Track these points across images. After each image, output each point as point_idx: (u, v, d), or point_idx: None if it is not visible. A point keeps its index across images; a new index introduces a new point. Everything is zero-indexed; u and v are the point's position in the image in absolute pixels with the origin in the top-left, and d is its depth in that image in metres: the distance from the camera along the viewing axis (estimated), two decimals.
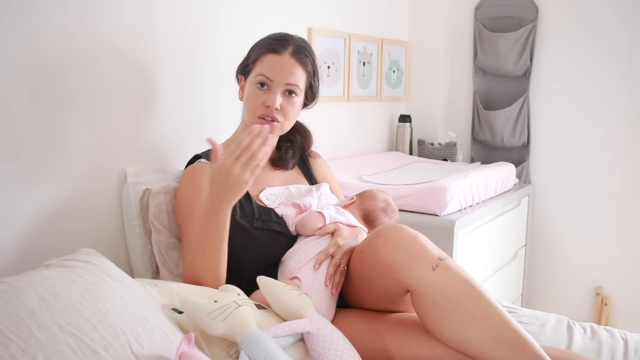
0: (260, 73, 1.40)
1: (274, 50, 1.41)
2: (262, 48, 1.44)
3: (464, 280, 1.12)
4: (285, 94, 1.42)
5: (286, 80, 1.40)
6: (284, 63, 1.41)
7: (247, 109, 1.44)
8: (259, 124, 1.31)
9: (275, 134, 1.46)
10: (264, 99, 1.40)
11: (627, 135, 2.60)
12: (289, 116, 1.44)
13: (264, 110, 1.40)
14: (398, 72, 2.86)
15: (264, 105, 1.40)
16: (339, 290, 1.30)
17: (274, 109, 1.40)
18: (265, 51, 1.42)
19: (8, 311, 0.82)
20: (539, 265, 2.85)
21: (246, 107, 1.45)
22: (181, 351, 0.85)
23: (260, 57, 1.43)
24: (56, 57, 1.34)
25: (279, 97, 1.40)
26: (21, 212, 1.30)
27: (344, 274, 1.30)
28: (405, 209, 1.98)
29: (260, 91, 1.41)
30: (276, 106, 1.39)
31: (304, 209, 1.43)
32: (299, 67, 1.43)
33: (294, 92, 1.42)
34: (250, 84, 1.43)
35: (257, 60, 1.43)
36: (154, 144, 1.61)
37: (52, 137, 1.35)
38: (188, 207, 1.38)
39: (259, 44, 1.46)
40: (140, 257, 1.49)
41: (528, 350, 1.06)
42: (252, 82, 1.42)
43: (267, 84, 1.40)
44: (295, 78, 1.42)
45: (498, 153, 2.85)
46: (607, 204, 2.67)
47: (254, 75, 1.42)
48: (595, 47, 2.61)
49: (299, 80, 1.43)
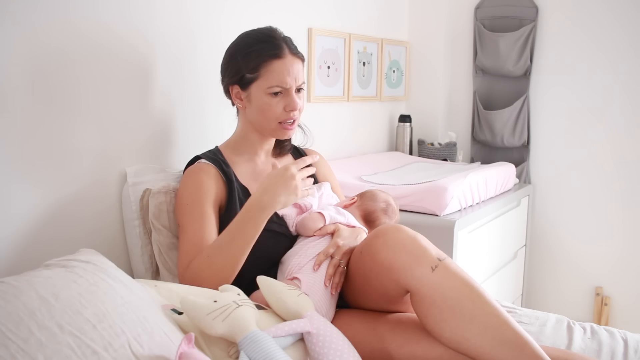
0: (275, 84, 1.39)
1: (276, 55, 1.39)
2: (259, 56, 1.39)
3: (464, 281, 1.12)
4: (297, 92, 1.44)
5: (298, 83, 1.43)
6: (290, 66, 1.41)
7: (266, 118, 1.43)
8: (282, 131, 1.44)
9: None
10: (283, 104, 1.41)
11: (627, 135, 2.59)
12: (302, 109, 1.48)
13: (286, 115, 1.42)
14: (398, 72, 2.86)
15: (284, 110, 1.42)
16: (339, 290, 1.30)
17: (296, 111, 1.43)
18: (265, 58, 1.39)
19: (8, 311, 0.82)
20: (539, 265, 2.85)
21: (263, 116, 1.43)
22: (181, 351, 0.85)
23: (262, 66, 1.39)
24: (56, 57, 1.34)
25: (297, 99, 1.42)
26: (21, 212, 1.30)
27: (343, 275, 1.30)
28: (405, 209, 1.98)
29: (275, 99, 1.41)
30: (299, 107, 1.43)
31: (304, 209, 1.43)
32: (300, 62, 1.44)
33: (302, 88, 1.46)
34: (261, 95, 1.40)
35: (257, 69, 1.39)
36: (154, 144, 1.61)
37: (52, 136, 1.35)
38: (188, 206, 1.38)
39: (251, 52, 1.40)
40: (140, 257, 1.50)
41: (528, 350, 1.06)
42: (264, 92, 1.40)
43: (282, 91, 1.41)
44: (301, 76, 1.44)
45: (498, 153, 2.85)
46: (607, 203, 2.67)
47: (266, 87, 1.39)
48: (595, 47, 2.61)
49: (303, 76, 1.46)
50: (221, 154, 1.48)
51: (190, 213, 1.37)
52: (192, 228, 1.35)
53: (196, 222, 1.36)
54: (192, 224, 1.36)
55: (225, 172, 1.43)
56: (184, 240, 1.36)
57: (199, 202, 1.37)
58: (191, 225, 1.35)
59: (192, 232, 1.35)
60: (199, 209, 1.37)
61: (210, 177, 1.40)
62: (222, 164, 1.44)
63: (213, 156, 1.46)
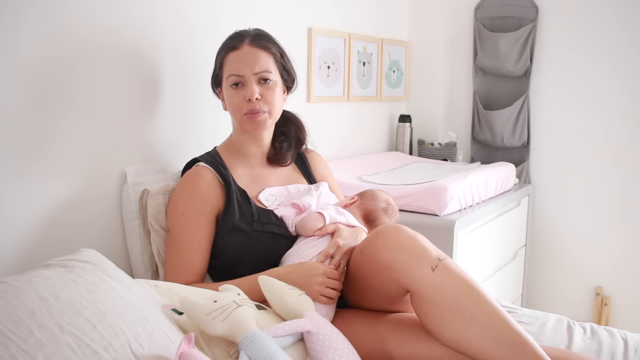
0: (230, 74, 1.41)
1: (233, 47, 1.43)
2: (222, 52, 1.45)
3: (464, 281, 1.12)
4: (261, 83, 1.42)
5: (254, 70, 1.40)
6: (245, 55, 1.41)
7: (232, 112, 1.45)
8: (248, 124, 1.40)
9: (268, 126, 1.47)
10: (242, 95, 1.41)
11: (627, 135, 2.59)
12: (273, 102, 1.44)
13: (247, 106, 1.41)
14: (398, 72, 2.86)
15: (244, 100, 1.40)
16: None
17: (255, 100, 1.40)
18: (225, 53, 1.44)
19: (8, 311, 0.82)
20: (539, 265, 2.85)
21: (231, 111, 1.46)
22: (181, 351, 0.85)
23: (223, 61, 1.44)
24: (56, 58, 1.34)
25: (255, 88, 1.40)
26: (21, 212, 1.30)
27: (343, 275, 1.30)
28: (405, 209, 1.98)
29: (236, 90, 1.42)
30: (256, 96, 1.39)
31: (303, 209, 1.43)
32: (262, 52, 1.43)
33: (267, 78, 1.42)
34: (225, 89, 1.44)
35: (222, 65, 1.44)
36: (154, 144, 1.61)
37: (52, 136, 1.35)
38: (184, 216, 1.38)
39: (219, 50, 1.47)
40: (140, 257, 1.50)
41: (528, 350, 1.06)
42: (227, 86, 1.43)
43: (240, 81, 1.41)
44: (262, 64, 1.41)
45: (498, 153, 2.84)
46: (607, 203, 2.67)
47: (225, 78, 1.43)
48: (595, 47, 2.61)
49: (268, 65, 1.43)
50: (219, 157, 1.48)
51: (185, 225, 1.37)
52: (185, 243, 1.36)
53: (190, 237, 1.37)
54: (186, 238, 1.37)
55: (224, 175, 1.43)
56: (175, 253, 1.37)
57: (195, 213, 1.37)
58: (184, 239, 1.37)
59: (184, 247, 1.36)
60: (195, 221, 1.37)
61: (208, 184, 1.40)
62: (220, 166, 1.44)
63: (211, 159, 1.46)
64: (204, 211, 1.38)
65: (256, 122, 1.42)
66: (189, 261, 1.36)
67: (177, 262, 1.37)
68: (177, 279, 1.34)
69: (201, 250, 1.38)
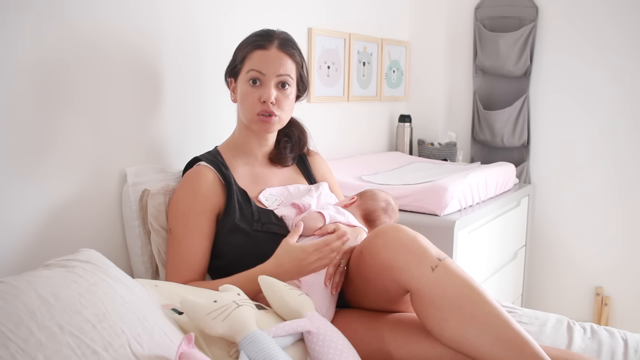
0: (251, 68, 1.41)
1: (261, 46, 1.42)
2: (247, 46, 1.44)
3: (464, 281, 1.12)
4: (279, 87, 1.42)
5: (277, 72, 1.41)
6: (272, 56, 1.41)
7: (244, 108, 1.44)
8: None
9: (275, 129, 1.47)
10: (259, 95, 1.40)
11: (627, 135, 2.60)
12: (285, 109, 1.45)
13: (260, 106, 1.41)
14: (398, 72, 2.86)
15: (259, 101, 1.40)
16: (339, 290, 1.30)
17: (270, 103, 1.40)
18: (251, 48, 1.43)
19: (8, 311, 0.82)
20: (539, 265, 2.85)
21: (242, 106, 1.45)
22: (181, 351, 0.85)
23: (247, 55, 1.43)
24: (56, 58, 1.34)
25: (273, 91, 1.40)
26: (21, 212, 1.30)
27: (343, 274, 1.30)
28: (405, 209, 1.98)
29: (253, 88, 1.41)
30: (272, 100, 1.40)
31: (303, 209, 1.43)
32: (288, 58, 1.43)
33: (287, 82, 1.43)
34: (242, 83, 1.44)
35: (244, 59, 1.43)
36: (154, 144, 1.61)
37: (52, 136, 1.35)
38: (185, 215, 1.38)
39: (243, 44, 1.46)
40: (140, 257, 1.50)
41: (528, 350, 1.06)
42: (244, 81, 1.43)
43: (260, 79, 1.41)
44: (286, 69, 1.42)
45: (498, 153, 2.84)
46: (607, 203, 2.67)
47: (245, 72, 1.42)
48: (595, 47, 2.61)
49: (290, 71, 1.43)
50: (220, 156, 1.48)
51: (185, 225, 1.37)
52: (186, 243, 1.37)
53: (191, 236, 1.37)
54: (187, 237, 1.37)
55: (225, 174, 1.43)
56: (176, 252, 1.38)
57: (196, 213, 1.38)
58: (185, 239, 1.37)
59: (185, 246, 1.37)
60: (195, 221, 1.38)
61: (209, 183, 1.40)
62: (222, 166, 1.44)
63: (212, 158, 1.46)
64: (205, 210, 1.39)
65: (266, 125, 1.43)
66: (190, 260, 1.37)
67: (178, 261, 1.37)
68: (178, 278, 1.35)
69: (202, 249, 1.38)
